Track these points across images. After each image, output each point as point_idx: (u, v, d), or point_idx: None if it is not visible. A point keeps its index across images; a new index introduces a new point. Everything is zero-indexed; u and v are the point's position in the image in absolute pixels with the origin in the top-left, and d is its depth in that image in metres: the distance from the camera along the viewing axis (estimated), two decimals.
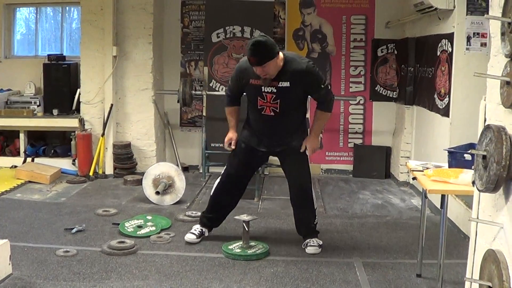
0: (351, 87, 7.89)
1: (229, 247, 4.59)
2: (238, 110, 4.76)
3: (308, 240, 4.70)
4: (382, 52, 7.80)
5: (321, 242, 4.72)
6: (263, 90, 4.42)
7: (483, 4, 5.32)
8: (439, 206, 3.82)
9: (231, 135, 4.70)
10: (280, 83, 4.38)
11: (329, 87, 4.57)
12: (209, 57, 7.65)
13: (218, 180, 4.86)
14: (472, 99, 5.08)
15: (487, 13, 2.50)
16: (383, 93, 7.86)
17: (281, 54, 4.37)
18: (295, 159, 4.66)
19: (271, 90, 4.41)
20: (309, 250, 4.63)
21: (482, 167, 2.35)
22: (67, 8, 8.26)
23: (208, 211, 4.90)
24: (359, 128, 7.96)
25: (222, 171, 4.84)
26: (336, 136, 7.99)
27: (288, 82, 4.38)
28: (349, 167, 7.93)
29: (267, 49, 4.23)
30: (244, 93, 4.66)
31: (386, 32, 7.73)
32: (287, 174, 4.80)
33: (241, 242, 4.63)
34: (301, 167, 4.67)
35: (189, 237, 4.79)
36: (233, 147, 4.69)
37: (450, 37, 5.61)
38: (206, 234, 4.85)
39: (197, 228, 4.86)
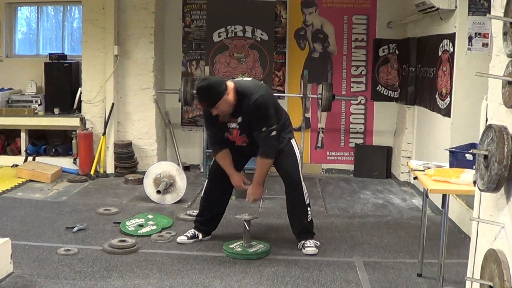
0: (353, 87, 7.89)
1: (230, 246, 4.60)
2: (229, 152, 4.59)
3: (303, 241, 4.67)
4: (383, 52, 7.79)
5: (318, 243, 4.70)
6: (228, 126, 4.48)
7: (485, 4, 5.32)
8: (440, 206, 3.83)
9: (238, 177, 4.61)
10: (238, 118, 4.41)
11: (273, 133, 4.37)
12: (210, 56, 7.65)
13: (206, 181, 4.90)
14: (474, 99, 5.08)
15: (489, 13, 2.50)
16: (384, 93, 7.86)
17: (231, 88, 4.31)
18: (284, 156, 4.63)
19: (235, 126, 4.46)
20: (307, 250, 4.60)
21: (483, 167, 2.35)
22: (68, 7, 8.26)
23: (199, 214, 4.93)
24: (360, 128, 7.96)
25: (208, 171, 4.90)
26: (337, 136, 7.99)
27: (241, 118, 4.40)
28: (350, 167, 7.93)
29: (211, 92, 4.23)
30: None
31: (388, 32, 7.73)
32: (279, 172, 4.81)
33: (242, 241, 4.64)
34: (290, 163, 4.64)
35: (181, 238, 4.81)
36: (248, 183, 4.64)
37: (451, 37, 5.61)
38: (200, 237, 4.83)
39: (190, 231, 4.87)
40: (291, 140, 4.65)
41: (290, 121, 4.74)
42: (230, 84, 4.37)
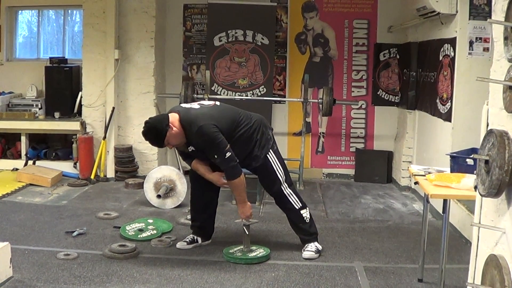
0: (353, 91, 7.89)
1: (230, 251, 4.59)
2: (199, 161, 4.56)
3: (306, 245, 4.69)
4: (384, 56, 7.80)
5: (320, 248, 4.70)
6: (191, 153, 4.50)
7: (486, 8, 5.32)
8: (441, 211, 3.81)
9: (216, 176, 4.54)
10: (190, 147, 4.44)
11: (227, 155, 4.27)
12: (211, 60, 7.66)
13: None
14: (475, 104, 5.07)
15: (490, 18, 2.49)
16: (385, 97, 7.86)
17: (175, 120, 4.30)
18: (260, 172, 4.68)
19: (193, 151, 4.46)
20: (305, 254, 4.61)
21: (484, 172, 2.34)
22: (69, 11, 8.27)
23: (192, 219, 4.93)
24: (361, 133, 7.95)
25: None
26: (338, 141, 7.98)
27: (192, 147, 4.42)
28: (351, 172, 7.92)
29: (154, 134, 4.32)
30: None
31: (389, 36, 7.73)
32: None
33: (242, 246, 4.62)
34: (267, 178, 4.67)
35: (180, 244, 4.80)
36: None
37: (452, 41, 5.60)
38: (199, 241, 4.82)
39: (189, 236, 4.86)
40: (267, 155, 4.58)
41: (267, 134, 4.61)
42: (175, 116, 4.35)
